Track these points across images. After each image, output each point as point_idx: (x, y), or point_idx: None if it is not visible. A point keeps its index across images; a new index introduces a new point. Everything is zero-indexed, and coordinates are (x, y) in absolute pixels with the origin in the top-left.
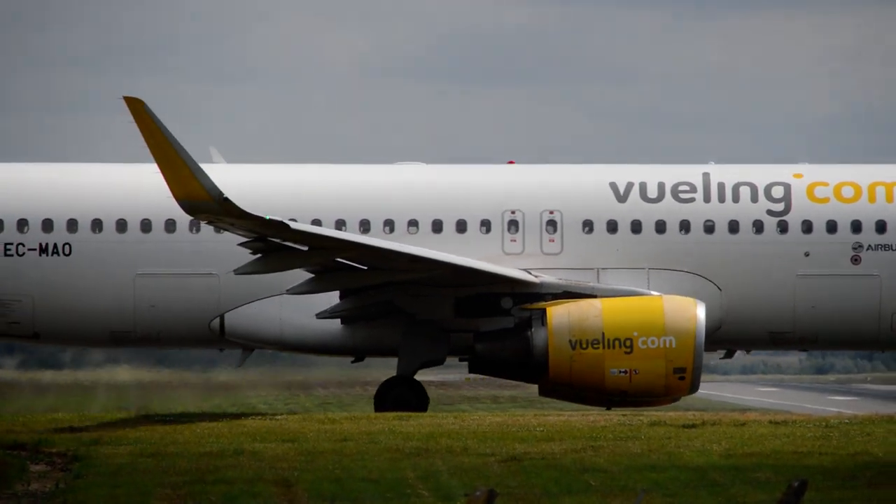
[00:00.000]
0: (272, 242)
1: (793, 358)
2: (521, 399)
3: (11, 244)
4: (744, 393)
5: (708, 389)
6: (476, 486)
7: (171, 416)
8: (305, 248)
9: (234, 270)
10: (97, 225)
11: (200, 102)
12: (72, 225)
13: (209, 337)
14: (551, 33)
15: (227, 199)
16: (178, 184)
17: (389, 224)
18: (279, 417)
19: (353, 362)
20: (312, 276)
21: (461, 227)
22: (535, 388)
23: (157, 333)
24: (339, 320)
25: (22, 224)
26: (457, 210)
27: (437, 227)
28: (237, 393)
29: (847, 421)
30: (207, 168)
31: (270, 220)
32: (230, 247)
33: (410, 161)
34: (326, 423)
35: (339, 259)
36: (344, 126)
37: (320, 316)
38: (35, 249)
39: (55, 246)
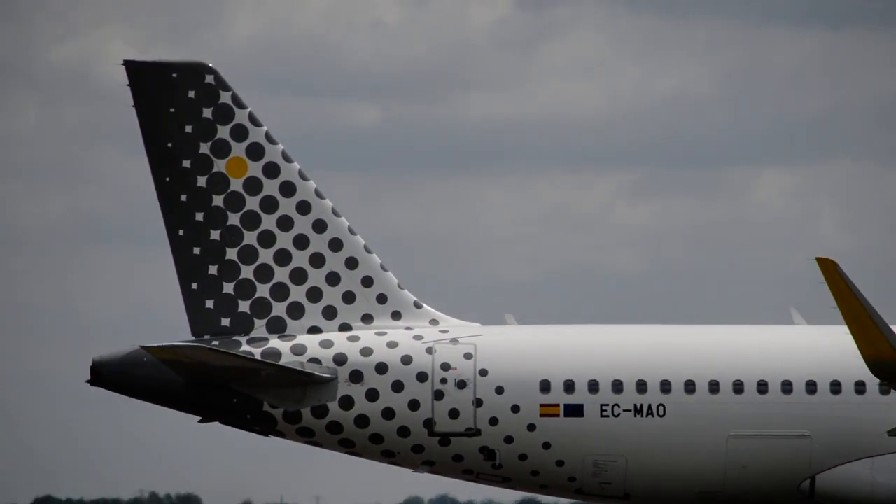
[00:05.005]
0: None
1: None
2: None
3: (607, 405)
4: None
5: None
6: None
7: None
8: None
9: (888, 432)
10: (690, 386)
11: None
12: (665, 386)
13: (796, 497)
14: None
15: None
16: (868, 343)
17: None
18: None
19: None
20: None
21: None
22: None
23: (745, 494)
24: None
25: (617, 385)
26: None
27: None
28: None
29: None
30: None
31: None
32: (822, 410)
33: None
34: None
35: None
36: None
37: None
38: (630, 410)
39: (649, 407)
